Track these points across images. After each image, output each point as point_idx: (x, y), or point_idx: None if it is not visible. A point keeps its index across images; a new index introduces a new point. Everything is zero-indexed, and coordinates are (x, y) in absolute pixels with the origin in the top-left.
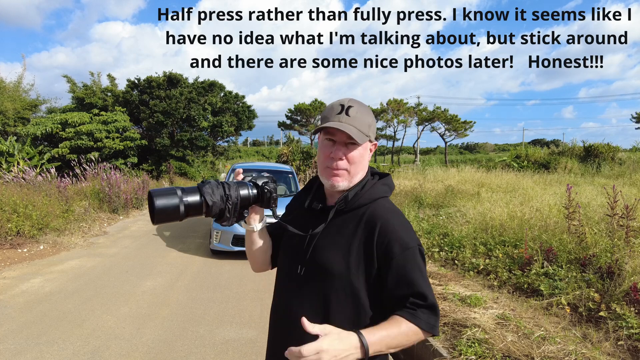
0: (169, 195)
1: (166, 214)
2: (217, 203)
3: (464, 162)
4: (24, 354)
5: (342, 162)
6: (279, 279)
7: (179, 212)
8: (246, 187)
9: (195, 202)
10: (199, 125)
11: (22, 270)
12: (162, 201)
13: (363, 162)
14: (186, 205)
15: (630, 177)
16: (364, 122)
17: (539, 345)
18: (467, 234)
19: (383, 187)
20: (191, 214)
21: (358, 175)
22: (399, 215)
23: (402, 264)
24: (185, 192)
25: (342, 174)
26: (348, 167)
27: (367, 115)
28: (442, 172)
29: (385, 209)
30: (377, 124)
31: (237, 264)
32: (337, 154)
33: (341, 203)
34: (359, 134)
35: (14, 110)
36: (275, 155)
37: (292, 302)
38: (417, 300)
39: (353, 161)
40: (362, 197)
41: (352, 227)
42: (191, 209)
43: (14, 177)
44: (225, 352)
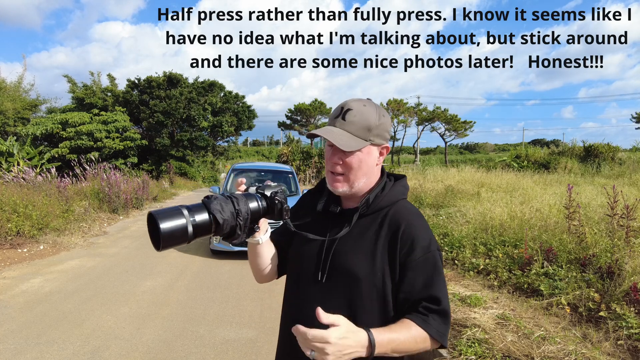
0: (174, 216)
1: (173, 238)
2: (227, 220)
3: (464, 162)
4: (24, 354)
5: (339, 167)
6: (292, 286)
7: (187, 235)
8: (255, 199)
9: (205, 222)
10: (199, 125)
11: (22, 270)
12: (167, 224)
13: (364, 167)
14: (194, 226)
15: (630, 177)
16: (362, 126)
17: (539, 345)
18: (467, 234)
19: (401, 189)
20: (200, 234)
21: (360, 180)
22: (421, 217)
23: (422, 266)
24: (192, 210)
25: (340, 179)
26: (346, 172)
27: (369, 116)
28: (442, 172)
29: (407, 210)
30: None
31: (237, 264)
32: (332, 158)
33: (363, 207)
34: (351, 139)
35: (14, 110)
36: (275, 155)
37: (312, 309)
38: (430, 305)
39: (350, 167)
40: (382, 199)
41: (375, 229)
42: (200, 229)
43: (14, 177)
44: (225, 352)
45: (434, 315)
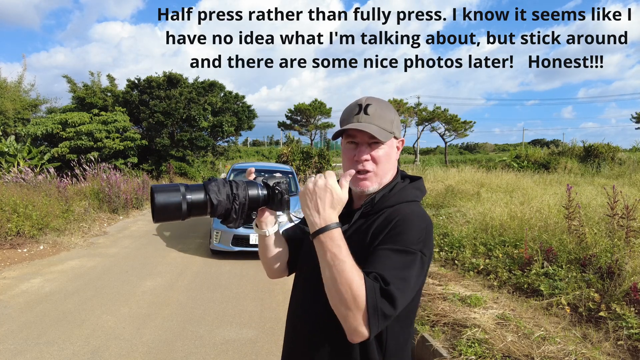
0: (171, 191)
1: (167, 211)
2: (222, 202)
3: (464, 162)
4: (24, 354)
5: (368, 163)
6: (297, 285)
7: (181, 211)
8: (256, 187)
9: (199, 201)
10: (199, 125)
11: (22, 270)
12: (163, 197)
13: (390, 161)
14: (189, 204)
15: (630, 177)
16: (386, 119)
17: (539, 345)
18: (467, 234)
19: (414, 191)
20: (194, 213)
21: (387, 175)
22: (421, 219)
23: (393, 256)
24: (190, 189)
25: (369, 176)
26: (374, 169)
27: (388, 111)
28: (442, 172)
29: (412, 210)
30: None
31: (237, 264)
32: (360, 156)
33: (367, 205)
34: (381, 131)
35: (14, 110)
36: (275, 155)
37: (318, 309)
38: (382, 279)
39: (379, 161)
40: (389, 199)
41: (374, 227)
42: (194, 207)
43: (13, 177)
44: (225, 352)
45: (378, 287)
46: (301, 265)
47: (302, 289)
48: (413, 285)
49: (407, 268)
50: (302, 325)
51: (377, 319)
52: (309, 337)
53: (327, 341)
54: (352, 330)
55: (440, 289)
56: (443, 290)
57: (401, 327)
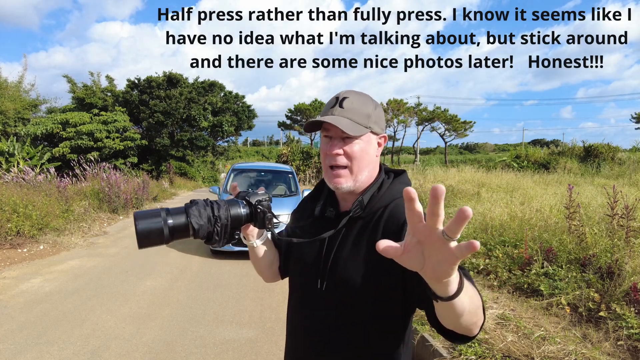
0: (152, 217)
1: (150, 237)
2: (204, 226)
3: (464, 162)
4: (24, 354)
5: (340, 158)
6: (294, 292)
7: (163, 236)
8: (238, 205)
9: (181, 224)
10: (199, 125)
11: (22, 270)
12: (144, 224)
13: (367, 157)
14: (170, 228)
15: (630, 177)
16: (361, 113)
17: (539, 345)
18: (467, 234)
19: (401, 187)
20: (177, 236)
21: (363, 172)
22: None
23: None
24: (170, 213)
25: (343, 173)
26: (349, 164)
27: (365, 104)
28: (442, 172)
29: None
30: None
31: (237, 264)
32: (331, 149)
33: (356, 209)
34: (353, 125)
35: (14, 110)
36: (275, 155)
37: (315, 318)
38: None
39: (353, 156)
40: (380, 199)
41: (370, 233)
42: (177, 231)
43: (13, 177)
44: (225, 352)
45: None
46: (293, 270)
47: (296, 295)
48: None
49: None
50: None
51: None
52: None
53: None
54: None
55: None
56: None
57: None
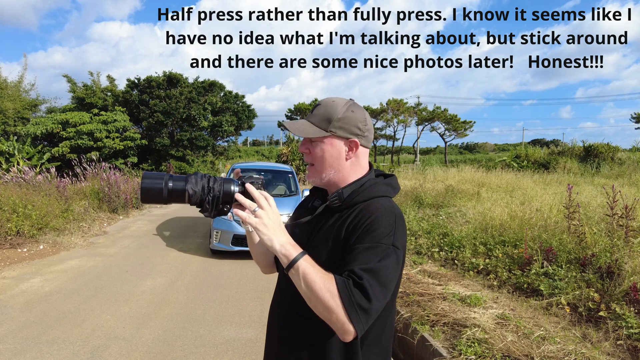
0: (156, 179)
1: (150, 194)
2: (197, 193)
3: (464, 162)
4: (24, 354)
5: (307, 156)
6: (278, 279)
7: (162, 195)
8: (232, 183)
9: (178, 189)
10: (199, 125)
11: (22, 270)
12: (147, 183)
13: (328, 158)
14: (169, 190)
15: (630, 177)
16: (323, 117)
17: (539, 345)
18: (467, 234)
19: (385, 187)
20: (174, 199)
21: (327, 172)
22: (391, 214)
23: (363, 252)
24: (173, 179)
25: (311, 169)
26: (314, 162)
27: (332, 109)
28: (442, 172)
29: (381, 205)
30: (377, 124)
31: (237, 264)
32: (300, 148)
33: (334, 200)
34: (310, 128)
35: (14, 110)
36: (275, 155)
37: (286, 302)
38: (354, 275)
39: (315, 156)
40: (360, 194)
41: (342, 222)
42: (174, 194)
43: (13, 177)
44: (225, 352)
45: (352, 282)
46: (278, 265)
47: (279, 286)
48: (389, 277)
49: (378, 261)
50: (276, 321)
51: (356, 314)
52: (283, 333)
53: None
54: (340, 331)
55: (440, 288)
56: (443, 290)
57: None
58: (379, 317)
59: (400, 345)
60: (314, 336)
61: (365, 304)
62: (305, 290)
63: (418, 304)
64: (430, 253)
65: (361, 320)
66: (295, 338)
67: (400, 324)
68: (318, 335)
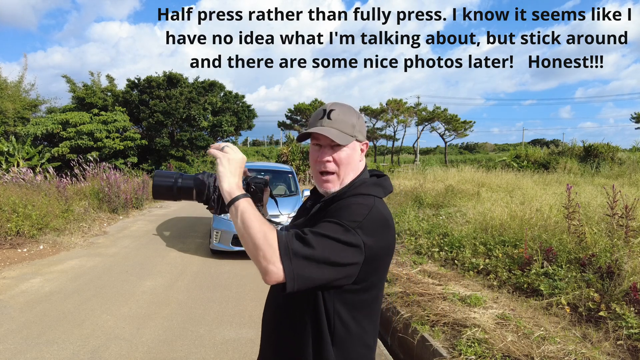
0: (167, 177)
1: (161, 191)
2: (204, 192)
3: (464, 162)
4: (24, 354)
5: (330, 165)
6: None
7: (172, 192)
8: None
9: (187, 187)
10: (199, 125)
11: (22, 270)
12: (159, 181)
13: (352, 163)
14: (178, 188)
15: (630, 177)
16: (347, 123)
17: (539, 345)
18: (467, 234)
19: (372, 187)
20: (183, 196)
21: (348, 176)
22: (367, 208)
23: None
24: (183, 177)
25: (332, 179)
26: (337, 170)
27: (350, 116)
28: (442, 172)
29: (363, 200)
30: (377, 124)
31: (237, 264)
32: (322, 157)
33: (327, 200)
34: (341, 135)
35: (14, 110)
36: (275, 155)
37: (271, 301)
38: (300, 231)
39: (341, 162)
40: (345, 192)
41: (325, 213)
42: (182, 191)
43: (12, 177)
44: (225, 352)
45: (294, 234)
46: None
47: (269, 293)
48: (337, 253)
49: (330, 231)
50: (264, 320)
51: (288, 258)
52: (269, 330)
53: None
54: (264, 270)
55: (440, 288)
56: (443, 290)
57: (352, 316)
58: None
59: (400, 345)
60: (295, 337)
61: (301, 249)
62: (240, 226)
63: (418, 304)
64: (430, 253)
65: (292, 265)
66: (279, 340)
67: (400, 324)
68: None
